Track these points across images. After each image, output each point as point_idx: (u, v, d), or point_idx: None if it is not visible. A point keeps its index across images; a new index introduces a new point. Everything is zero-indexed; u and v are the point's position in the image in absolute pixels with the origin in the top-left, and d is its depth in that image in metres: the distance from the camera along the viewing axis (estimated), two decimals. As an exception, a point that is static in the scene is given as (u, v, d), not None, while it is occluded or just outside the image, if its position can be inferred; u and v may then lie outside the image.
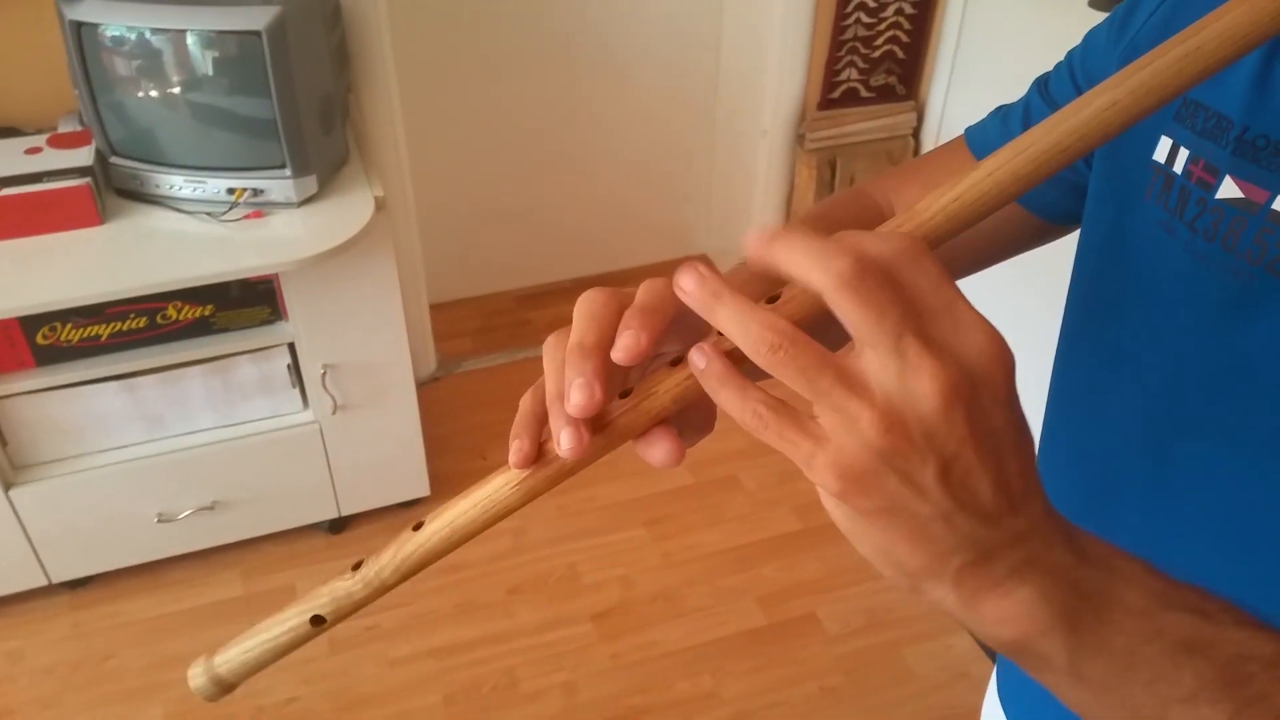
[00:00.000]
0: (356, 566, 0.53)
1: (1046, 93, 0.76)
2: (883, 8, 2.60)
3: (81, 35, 1.78)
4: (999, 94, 0.86)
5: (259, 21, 1.73)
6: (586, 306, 0.49)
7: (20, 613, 2.22)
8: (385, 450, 2.31)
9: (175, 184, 1.91)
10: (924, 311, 0.39)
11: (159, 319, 1.96)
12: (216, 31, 1.78)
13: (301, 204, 1.93)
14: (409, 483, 2.38)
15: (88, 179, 1.83)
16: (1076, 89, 0.71)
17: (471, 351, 2.99)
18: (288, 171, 1.88)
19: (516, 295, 3.22)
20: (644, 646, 2.19)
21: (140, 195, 1.93)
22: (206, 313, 1.99)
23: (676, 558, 2.39)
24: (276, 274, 1.97)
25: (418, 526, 0.52)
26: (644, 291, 0.48)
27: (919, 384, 0.38)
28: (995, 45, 2.50)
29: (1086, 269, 0.71)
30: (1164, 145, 0.62)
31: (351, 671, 2.12)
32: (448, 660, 2.15)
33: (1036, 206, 0.76)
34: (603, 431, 0.47)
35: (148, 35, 1.79)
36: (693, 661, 2.16)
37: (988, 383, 0.39)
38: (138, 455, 2.09)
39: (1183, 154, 0.60)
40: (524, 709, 2.06)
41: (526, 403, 0.51)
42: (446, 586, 2.29)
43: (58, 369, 1.95)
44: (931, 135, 2.80)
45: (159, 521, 2.16)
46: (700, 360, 0.44)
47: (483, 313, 3.16)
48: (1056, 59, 0.79)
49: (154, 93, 1.86)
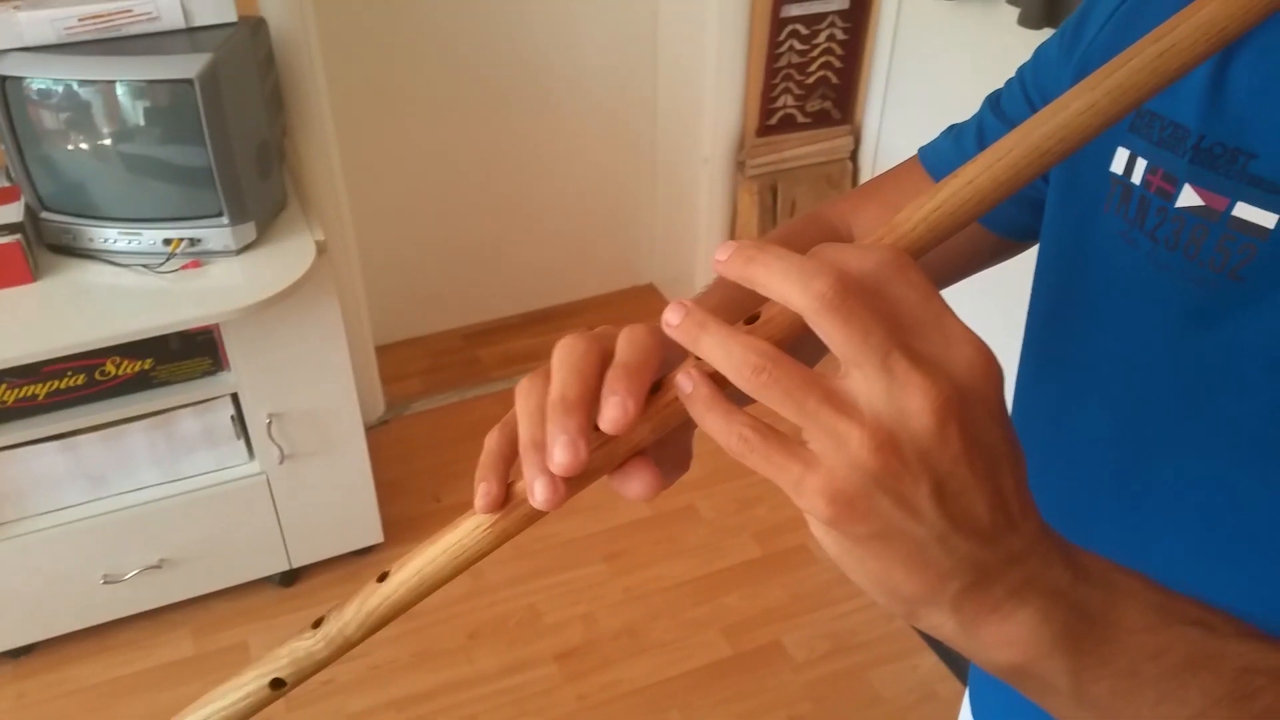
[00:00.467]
0: (317, 624, 0.49)
1: (999, 109, 0.75)
2: (815, 34, 2.62)
3: (6, 89, 1.74)
4: (933, 115, 0.86)
5: (190, 69, 1.70)
6: (567, 358, 0.47)
7: (-39, 685, 2.15)
8: (336, 498, 2.27)
9: (109, 237, 1.86)
10: (910, 326, 0.38)
11: (97, 375, 1.91)
12: (147, 81, 1.75)
13: (240, 251, 1.89)
14: (362, 530, 2.34)
15: (18, 235, 1.79)
16: (1030, 105, 0.71)
17: (420, 392, 2.96)
18: (225, 219, 1.85)
19: (464, 333, 3.19)
20: (610, 685, 2.16)
21: (74, 250, 1.89)
22: (146, 367, 1.94)
23: (638, 591, 2.37)
24: (217, 324, 1.93)
25: (382, 577, 0.49)
26: (626, 347, 0.46)
27: (909, 401, 0.37)
28: (927, 67, 2.53)
29: (1047, 284, 0.71)
30: (1121, 156, 0.62)
31: (310, 728, 2.07)
32: (409, 711, 2.10)
33: (994, 223, 0.76)
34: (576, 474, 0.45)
35: (75, 88, 1.75)
36: (660, 698, 2.14)
37: (979, 397, 0.38)
38: (80, 516, 2.04)
39: (1140, 164, 0.60)
40: (490, 756, 2.03)
41: (493, 442, 0.49)
42: (404, 635, 2.25)
43: (-7, 431, 1.90)
44: (869, 158, 2.83)
45: (105, 583, 2.10)
46: (687, 385, 0.42)
47: (430, 352, 3.12)
48: (988, 79, 0.79)
49: (84, 145, 1.82)
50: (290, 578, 2.34)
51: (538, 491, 0.44)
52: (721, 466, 2.65)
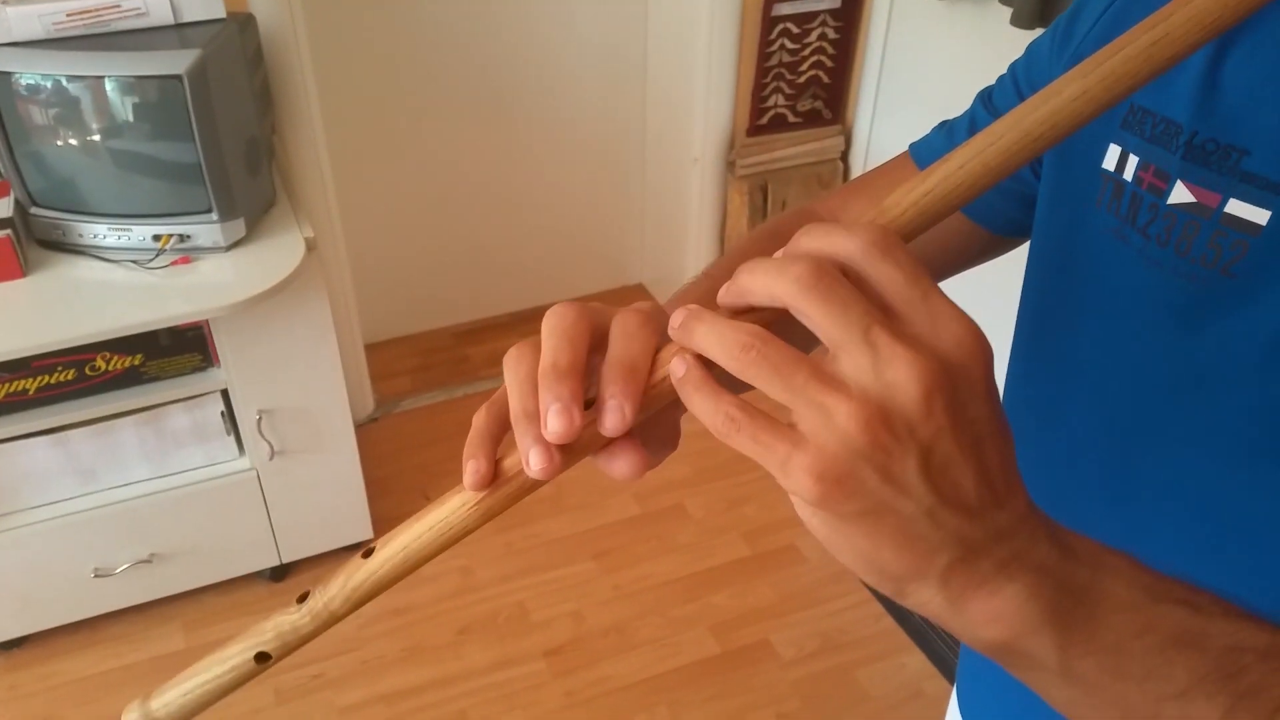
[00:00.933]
0: (303, 598, 0.50)
1: (991, 105, 0.75)
2: (806, 33, 2.63)
3: (-4, 85, 1.74)
4: (924, 116, 0.86)
5: (179, 65, 1.71)
6: (558, 324, 0.47)
7: (-49, 680, 2.15)
8: (325, 494, 2.27)
9: (99, 233, 1.87)
10: (895, 305, 0.39)
11: (87, 370, 1.92)
12: (136, 77, 1.75)
13: (230, 248, 1.90)
14: (351, 526, 2.34)
15: (8, 231, 1.79)
16: (1022, 100, 0.72)
17: (410, 390, 2.96)
18: (214, 216, 1.85)
19: (453, 331, 3.20)
20: (598, 681, 2.16)
21: (64, 245, 1.89)
22: (136, 362, 1.95)
23: (627, 589, 2.37)
24: (206, 320, 1.93)
25: (368, 553, 0.49)
26: (620, 339, 0.46)
27: (895, 374, 0.37)
28: (919, 68, 2.53)
29: (1038, 281, 0.71)
30: (1113, 153, 0.62)
31: (299, 722, 2.08)
32: (398, 705, 2.11)
33: (985, 219, 0.76)
34: (567, 447, 0.45)
35: (64, 83, 1.76)
36: (648, 694, 2.14)
37: (966, 374, 0.38)
38: (71, 510, 2.04)
39: (1132, 161, 0.60)
40: (478, 751, 2.03)
41: (481, 420, 0.49)
42: (394, 630, 2.25)
43: (-17, 426, 1.90)
44: (859, 158, 2.83)
45: (96, 576, 2.11)
46: (680, 368, 0.42)
47: (419, 350, 3.12)
48: (981, 79, 0.79)
49: (74, 141, 1.82)
50: (281, 573, 2.34)
51: (533, 460, 0.44)
52: (711, 466, 2.66)
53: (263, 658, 0.49)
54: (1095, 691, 0.43)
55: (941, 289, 0.39)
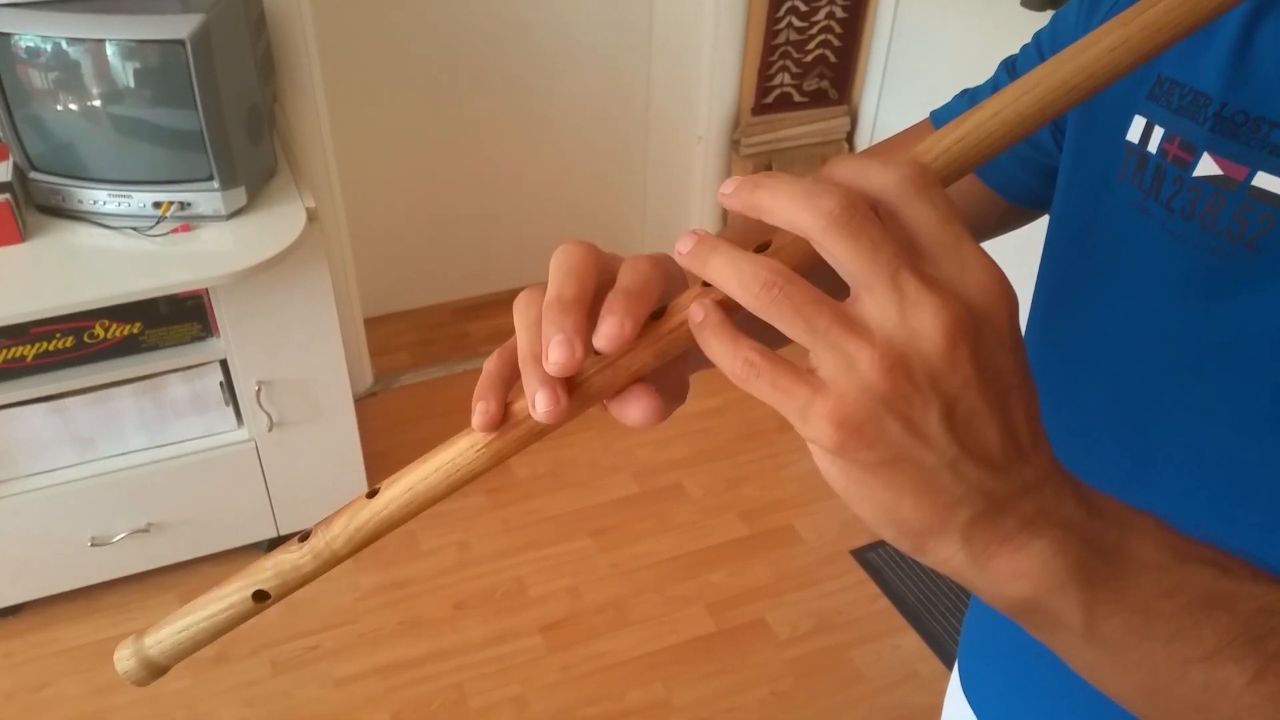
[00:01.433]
0: (304, 537, 0.48)
1: (1015, 73, 0.74)
2: (814, 11, 2.61)
3: (-4, 47, 1.73)
4: (931, 98, 0.85)
5: (182, 30, 1.69)
6: (565, 260, 0.46)
7: (-53, 646, 2.15)
8: (324, 467, 2.27)
9: (99, 199, 1.85)
10: (925, 247, 0.37)
11: (86, 338, 1.91)
12: (137, 41, 1.73)
13: (230, 217, 1.88)
14: (349, 499, 2.32)
15: (6, 195, 1.78)
16: None
17: (409, 365, 2.95)
18: (215, 184, 1.84)
19: (454, 307, 3.19)
20: (594, 657, 2.17)
21: (63, 211, 1.87)
22: (135, 330, 1.94)
23: (624, 567, 2.37)
24: (206, 289, 1.92)
25: (373, 493, 0.48)
26: (628, 273, 0.45)
27: (920, 321, 0.36)
28: (927, 49, 2.52)
29: (1057, 254, 0.70)
30: (1138, 124, 0.61)
31: (295, 693, 2.07)
32: (394, 678, 2.11)
33: (1005, 189, 0.75)
34: (577, 391, 0.44)
35: (65, 46, 1.74)
36: (644, 670, 2.14)
37: (992, 323, 0.37)
38: (68, 478, 2.03)
39: (1158, 132, 0.59)
40: (473, 725, 2.03)
41: (492, 364, 0.47)
42: (390, 603, 2.25)
43: (-20, 392, 1.89)
44: (865, 139, 2.82)
45: (93, 545, 2.10)
46: (699, 313, 0.41)
47: (419, 326, 3.12)
48: (990, 62, 0.78)
49: (73, 105, 1.81)
50: (278, 545, 2.33)
51: (539, 403, 0.43)
52: (709, 446, 2.66)
53: (261, 596, 0.48)
54: (1120, 653, 0.42)
55: (971, 235, 0.38)
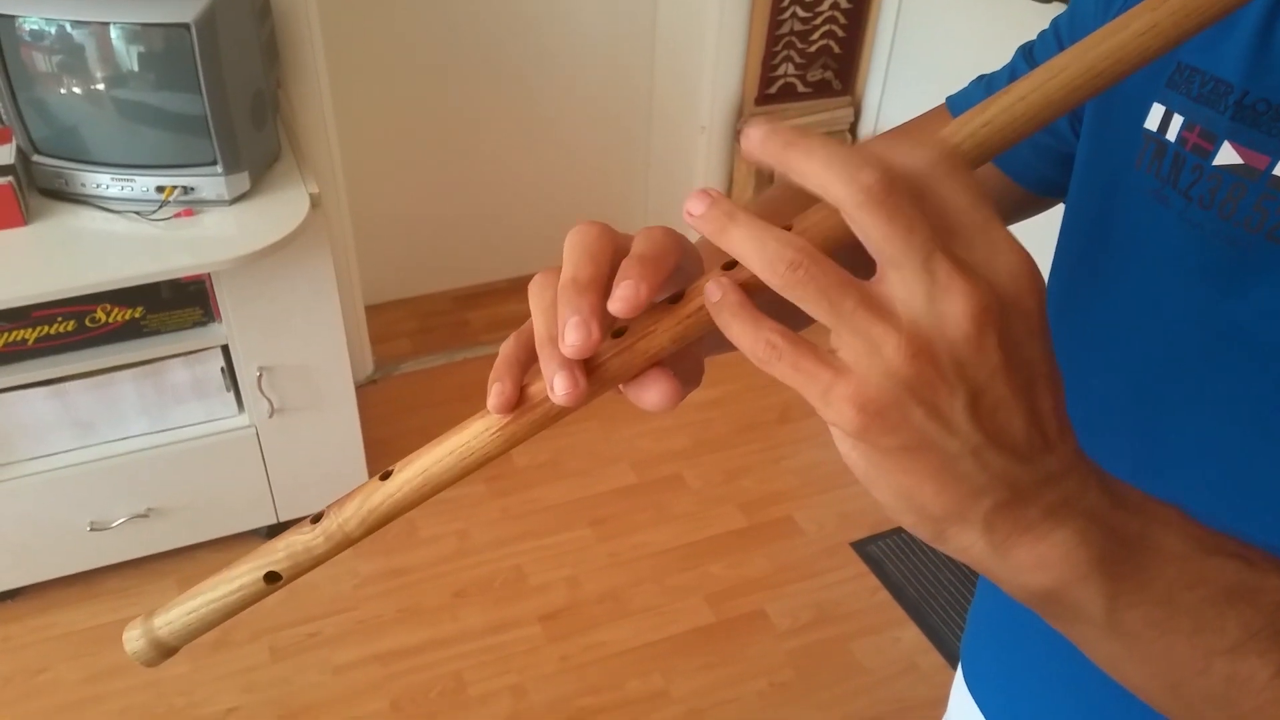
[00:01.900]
0: (317, 519, 0.48)
1: (1033, 59, 0.73)
2: (818, 1, 2.60)
3: (-1, 29, 1.72)
4: (935, 89, 0.84)
5: (187, 14, 1.68)
6: (580, 240, 0.45)
7: (-54, 629, 2.15)
8: (324, 454, 2.26)
9: (102, 182, 1.85)
10: (956, 230, 0.37)
11: (87, 322, 1.90)
12: (142, 24, 1.73)
13: (234, 201, 1.88)
14: (349, 487, 2.29)
15: (9, 178, 1.77)
16: None
17: (409, 353, 2.95)
18: (219, 168, 1.83)
19: (454, 295, 3.18)
20: (593, 647, 2.17)
21: (66, 195, 1.87)
22: (137, 315, 1.93)
23: (623, 557, 2.37)
24: (209, 274, 1.92)
25: (386, 475, 0.47)
26: (643, 241, 0.45)
27: (949, 306, 0.35)
28: (931, 40, 2.51)
29: (1073, 243, 0.70)
30: (1156, 112, 0.60)
31: (294, 679, 2.07)
32: (393, 666, 2.11)
33: (1022, 176, 0.74)
34: (594, 374, 0.43)
35: (69, 28, 1.73)
36: (643, 661, 2.14)
37: (1021, 310, 0.37)
38: (68, 463, 2.03)
39: (1177, 120, 0.59)
40: (473, 713, 2.03)
41: (509, 347, 0.47)
42: (390, 591, 2.25)
43: (-19, 375, 1.88)
44: (868, 130, 2.82)
45: (92, 530, 2.10)
46: (716, 292, 0.40)
47: (420, 314, 3.11)
48: (995, 54, 0.77)
49: (77, 88, 1.80)
50: (277, 531, 2.31)
51: (557, 385, 0.42)
52: (709, 437, 2.66)
53: (273, 577, 0.48)
54: (1141, 645, 0.42)
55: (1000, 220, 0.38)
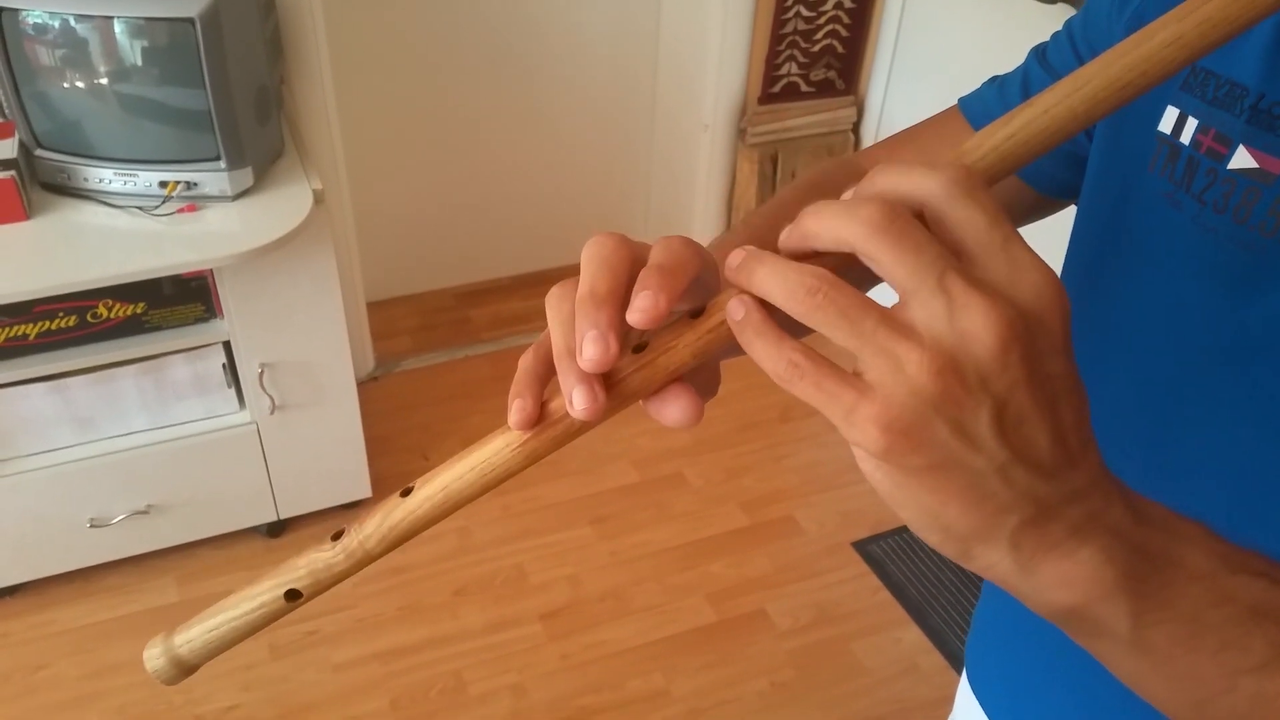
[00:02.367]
0: (337, 536, 0.48)
1: (1046, 62, 0.73)
2: (822, 1, 2.60)
3: (1, 22, 1.71)
4: (939, 89, 0.84)
5: (191, 8, 1.68)
6: (597, 253, 0.45)
7: (-56, 625, 2.14)
8: (325, 451, 2.26)
9: (105, 177, 1.84)
10: (973, 250, 0.37)
11: (89, 317, 1.89)
12: (146, 19, 1.72)
13: (237, 197, 1.87)
14: (350, 484, 2.33)
15: (12, 172, 1.76)
16: (1078, 58, 0.69)
17: (410, 350, 2.94)
18: (222, 164, 1.83)
19: (456, 293, 3.18)
20: (594, 646, 2.16)
21: (68, 189, 1.86)
22: (138, 311, 1.92)
23: (624, 556, 2.37)
24: (211, 270, 1.91)
25: (406, 492, 0.47)
26: (661, 251, 0.44)
27: (970, 323, 0.35)
28: (935, 40, 2.51)
29: (1084, 245, 0.69)
30: (1170, 115, 0.60)
31: (293, 677, 2.07)
32: (393, 664, 2.10)
33: (1035, 179, 0.74)
34: (615, 389, 0.43)
35: (72, 22, 1.72)
36: (643, 660, 2.14)
37: (1044, 326, 0.36)
38: (68, 459, 2.02)
39: (1191, 124, 0.58)
40: (473, 712, 2.02)
41: (527, 361, 0.47)
42: (390, 589, 2.25)
43: (-18, 370, 1.88)
44: (871, 130, 2.81)
45: (91, 526, 2.09)
46: (739, 310, 0.40)
47: (421, 311, 3.11)
48: (999, 54, 0.77)
49: (80, 83, 1.80)
50: (277, 529, 2.33)
51: (576, 400, 0.42)
52: (710, 436, 2.65)
53: (294, 595, 0.48)
54: (1166, 663, 0.42)
55: (1022, 235, 0.38)
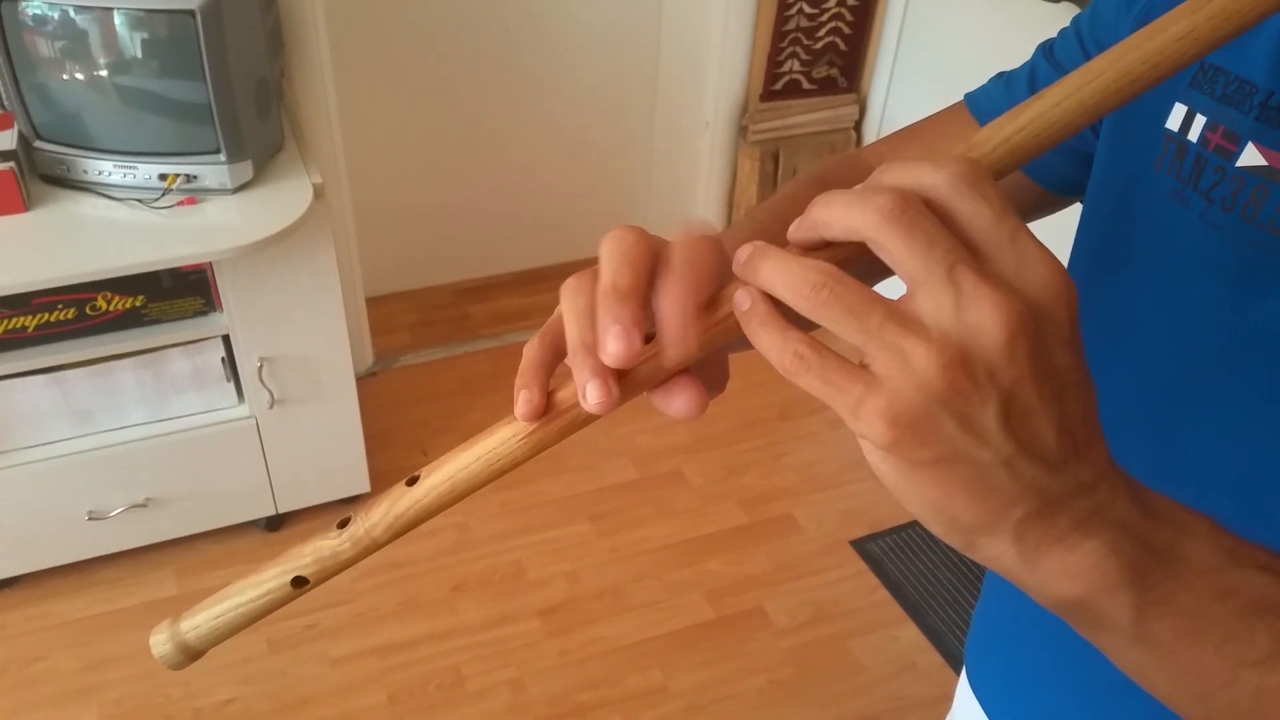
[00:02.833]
0: (343, 524, 0.48)
1: (1053, 58, 0.73)
2: (825, -2, 2.60)
3: (1, 13, 1.71)
4: (941, 88, 0.84)
5: (192, 0, 1.67)
6: (618, 247, 0.44)
7: (-59, 617, 2.14)
8: (324, 446, 2.26)
9: (104, 170, 1.84)
10: (981, 243, 0.37)
11: (88, 310, 1.89)
12: (146, 11, 1.72)
13: (236, 190, 1.87)
14: (349, 479, 2.33)
15: (11, 164, 1.76)
16: (1086, 55, 0.69)
17: (409, 346, 2.94)
18: (222, 157, 1.82)
19: (455, 289, 3.17)
20: (592, 642, 2.16)
21: (67, 181, 1.86)
22: (137, 304, 1.92)
23: (623, 552, 2.37)
24: (210, 263, 1.91)
25: (412, 481, 0.47)
26: (684, 250, 0.44)
27: (978, 316, 0.35)
28: (938, 38, 2.51)
29: (1090, 243, 0.69)
30: (1178, 113, 0.59)
31: (291, 671, 2.07)
32: (391, 659, 2.10)
33: (1041, 175, 0.74)
34: (623, 380, 0.43)
35: (72, 14, 1.72)
36: (642, 656, 2.14)
37: (1052, 319, 0.36)
38: (67, 451, 2.02)
39: (1199, 121, 0.58)
40: (471, 707, 2.02)
41: (533, 351, 0.46)
42: (388, 584, 2.24)
43: (-20, 362, 1.87)
44: (873, 128, 2.81)
45: (90, 519, 2.09)
46: (745, 301, 0.40)
47: (420, 306, 3.10)
48: (1003, 52, 0.77)
49: (80, 75, 1.79)
50: (276, 523, 2.33)
51: (590, 393, 0.42)
52: (710, 434, 2.65)
53: (300, 582, 0.48)
54: (1168, 655, 0.42)
55: (1030, 229, 0.37)
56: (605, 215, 3.25)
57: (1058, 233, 0.76)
